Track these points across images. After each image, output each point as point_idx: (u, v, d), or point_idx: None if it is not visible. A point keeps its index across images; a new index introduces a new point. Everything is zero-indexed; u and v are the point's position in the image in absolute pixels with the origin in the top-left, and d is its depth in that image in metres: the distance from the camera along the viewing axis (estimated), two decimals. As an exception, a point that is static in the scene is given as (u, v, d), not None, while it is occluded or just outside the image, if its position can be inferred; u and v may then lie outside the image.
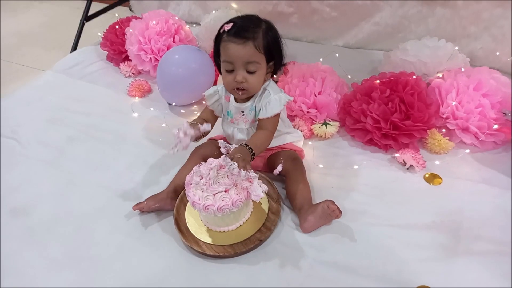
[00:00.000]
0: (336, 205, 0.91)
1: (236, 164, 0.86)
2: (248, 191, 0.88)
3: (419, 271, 0.86)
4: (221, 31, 0.95)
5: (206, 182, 0.88)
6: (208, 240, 0.93)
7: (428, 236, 0.93)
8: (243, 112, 1.03)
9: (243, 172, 0.85)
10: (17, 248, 0.97)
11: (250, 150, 0.92)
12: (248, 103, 1.02)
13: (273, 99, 0.99)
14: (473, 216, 0.97)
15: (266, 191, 0.89)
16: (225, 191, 0.87)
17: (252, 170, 0.88)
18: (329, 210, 0.91)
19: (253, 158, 0.93)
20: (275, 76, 1.07)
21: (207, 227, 0.96)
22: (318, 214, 0.92)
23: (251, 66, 0.94)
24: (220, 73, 1.00)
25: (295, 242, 0.93)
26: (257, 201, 0.89)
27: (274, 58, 0.98)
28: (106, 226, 1.01)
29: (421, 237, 0.93)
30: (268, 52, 0.95)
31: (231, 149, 0.92)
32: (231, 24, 0.93)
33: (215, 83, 1.40)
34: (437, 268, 0.86)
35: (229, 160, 0.87)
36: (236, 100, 1.04)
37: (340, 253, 0.90)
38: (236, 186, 0.88)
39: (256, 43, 0.92)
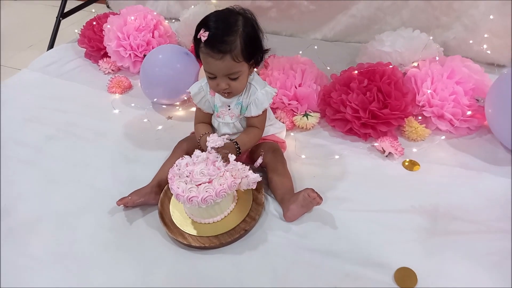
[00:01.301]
0: (317, 193, 0.94)
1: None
2: (233, 181, 0.89)
3: (400, 252, 0.89)
4: (198, 37, 0.92)
5: (189, 174, 0.89)
6: (193, 232, 0.94)
7: (408, 219, 0.96)
8: (229, 106, 1.04)
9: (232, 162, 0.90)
10: (-2, 248, 0.96)
11: (237, 148, 0.96)
12: (235, 97, 1.03)
13: (260, 94, 1.01)
14: (450, 198, 1.01)
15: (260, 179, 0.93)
16: (209, 182, 0.88)
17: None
18: (310, 198, 0.93)
19: (239, 154, 0.96)
20: (255, 70, 1.08)
21: (192, 220, 0.97)
22: (300, 203, 0.94)
23: (232, 75, 0.95)
24: (200, 60, 1.00)
25: (279, 230, 0.95)
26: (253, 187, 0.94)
27: (255, 55, 0.98)
28: (89, 223, 1.00)
29: (401, 220, 0.96)
30: (248, 55, 0.95)
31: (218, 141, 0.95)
32: (207, 33, 0.90)
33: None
34: (417, 249, 0.90)
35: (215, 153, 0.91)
36: None
37: (324, 239, 0.92)
38: (221, 176, 0.89)
39: (234, 55, 0.91)
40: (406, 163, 1.13)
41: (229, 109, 1.05)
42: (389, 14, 1.62)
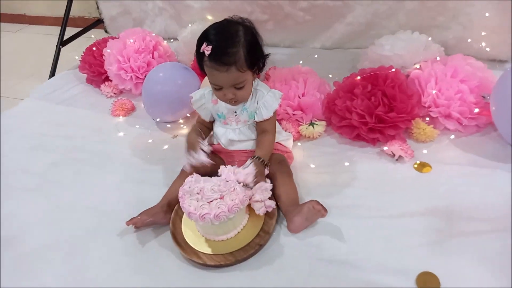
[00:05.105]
0: (321, 205, 0.92)
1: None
2: (244, 196, 0.89)
3: (418, 256, 0.87)
4: (201, 51, 0.93)
5: (200, 191, 0.88)
6: (208, 250, 0.92)
7: (423, 222, 0.94)
8: (235, 112, 1.04)
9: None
10: (9, 280, 0.94)
11: (262, 162, 0.97)
12: (240, 104, 1.03)
13: (268, 96, 1.02)
14: (464, 198, 0.99)
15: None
16: (220, 198, 0.87)
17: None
18: (314, 210, 0.92)
19: (266, 166, 0.99)
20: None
21: (205, 238, 0.95)
22: (304, 215, 0.93)
23: (238, 84, 0.96)
24: (204, 73, 1.00)
25: (294, 243, 0.93)
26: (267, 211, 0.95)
27: (258, 62, 0.99)
28: (101, 247, 0.99)
29: (416, 224, 0.94)
30: (251, 63, 0.96)
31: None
32: (210, 47, 0.91)
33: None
34: (436, 252, 0.88)
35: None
36: None
37: (340, 249, 0.90)
38: (232, 191, 0.88)
39: (238, 66, 0.92)
40: (417, 165, 1.11)
41: (235, 115, 1.05)
42: (386, 19, 1.63)
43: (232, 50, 0.91)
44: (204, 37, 0.94)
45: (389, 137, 1.17)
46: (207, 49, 0.91)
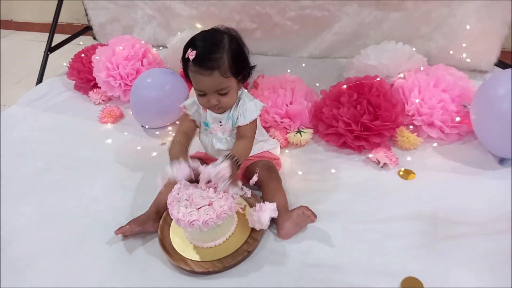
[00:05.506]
0: (311, 210, 0.94)
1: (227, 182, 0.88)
2: (233, 202, 0.89)
3: (403, 260, 0.89)
4: (186, 56, 0.95)
5: (189, 197, 0.88)
6: (196, 257, 0.93)
7: (408, 227, 0.97)
8: (220, 122, 1.05)
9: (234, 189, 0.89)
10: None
11: (236, 161, 0.92)
12: (225, 113, 1.04)
13: (249, 105, 1.02)
14: (447, 204, 1.02)
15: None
16: (209, 205, 0.88)
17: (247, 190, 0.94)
18: (304, 215, 0.93)
19: (239, 167, 0.94)
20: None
21: (194, 245, 0.96)
22: (294, 221, 0.94)
23: (222, 90, 0.97)
24: (189, 80, 1.01)
25: (282, 249, 0.94)
26: (258, 229, 0.94)
27: (243, 70, 1.01)
28: (88, 255, 0.98)
29: (401, 229, 0.97)
30: (236, 70, 0.97)
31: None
32: (194, 52, 0.93)
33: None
34: (419, 255, 0.90)
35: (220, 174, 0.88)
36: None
37: (327, 253, 0.92)
38: (221, 198, 0.89)
39: (222, 71, 0.94)
40: (401, 173, 1.14)
41: (220, 125, 1.06)
42: (371, 29, 1.67)
43: (216, 56, 0.93)
44: (189, 44, 0.96)
45: (374, 144, 1.19)
46: (191, 54, 0.93)
